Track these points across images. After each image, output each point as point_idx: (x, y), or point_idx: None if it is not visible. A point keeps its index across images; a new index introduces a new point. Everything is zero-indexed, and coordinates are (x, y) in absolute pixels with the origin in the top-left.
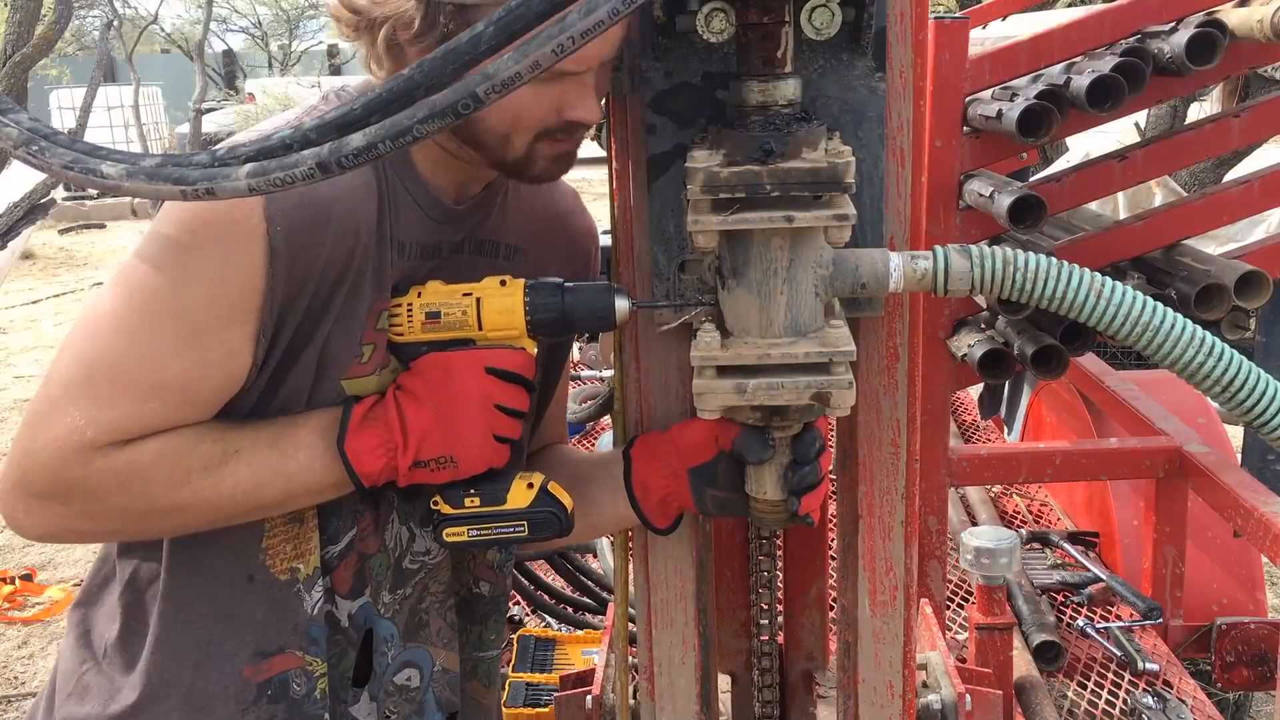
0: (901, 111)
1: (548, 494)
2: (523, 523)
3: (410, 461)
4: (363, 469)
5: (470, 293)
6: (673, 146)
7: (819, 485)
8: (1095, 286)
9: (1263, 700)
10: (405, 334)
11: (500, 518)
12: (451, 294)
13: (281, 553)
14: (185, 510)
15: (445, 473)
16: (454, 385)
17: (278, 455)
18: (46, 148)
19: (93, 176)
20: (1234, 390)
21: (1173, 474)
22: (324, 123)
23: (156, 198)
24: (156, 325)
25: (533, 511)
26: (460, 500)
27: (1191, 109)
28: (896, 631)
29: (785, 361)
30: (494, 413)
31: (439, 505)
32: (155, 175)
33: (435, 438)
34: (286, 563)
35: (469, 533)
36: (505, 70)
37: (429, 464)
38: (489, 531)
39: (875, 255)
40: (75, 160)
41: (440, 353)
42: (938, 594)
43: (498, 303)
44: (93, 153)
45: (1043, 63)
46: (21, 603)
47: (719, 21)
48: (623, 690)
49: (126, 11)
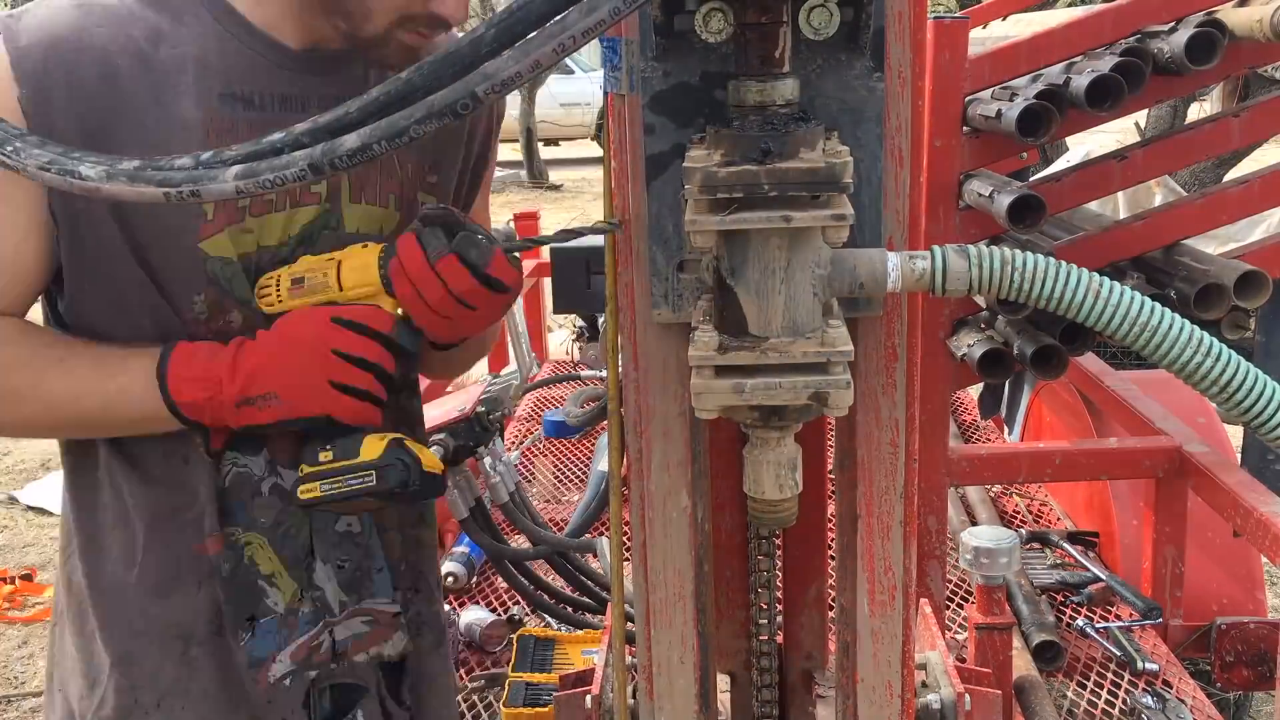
0: (900, 111)
1: (401, 445)
2: (370, 472)
3: (236, 396)
4: (181, 397)
5: (334, 258)
6: (671, 146)
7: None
8: (1093, 287)
9: (1263, 700)
10: (275, 304)
11: (349, 470)
12: (316, 261)
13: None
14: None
15: (270, 411)
16: (291, 329)
17: (99, 372)
18: (21, 149)
19: (71, 179)
20: (1232, 391)
21: (1172, 474)
22: (317, 125)
23: (139, 200)
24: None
25: (382, 462)
26: (315, 456)
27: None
28: (895, 631)
29: (783, 361)
30: (329, 358)
31: (301, 468)
32: (137, 177)
33: (263, 374)
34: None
35: (320, 488)
36: (506, 70)
37: (255, 401)
38: (340, 484)
39: (873, 255)
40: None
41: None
42: (937, 594)
43: (354, 260)
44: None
45: (1043, 63)
46: (21, 603)
47: (717, 21)
48: (621, 690)
49: None
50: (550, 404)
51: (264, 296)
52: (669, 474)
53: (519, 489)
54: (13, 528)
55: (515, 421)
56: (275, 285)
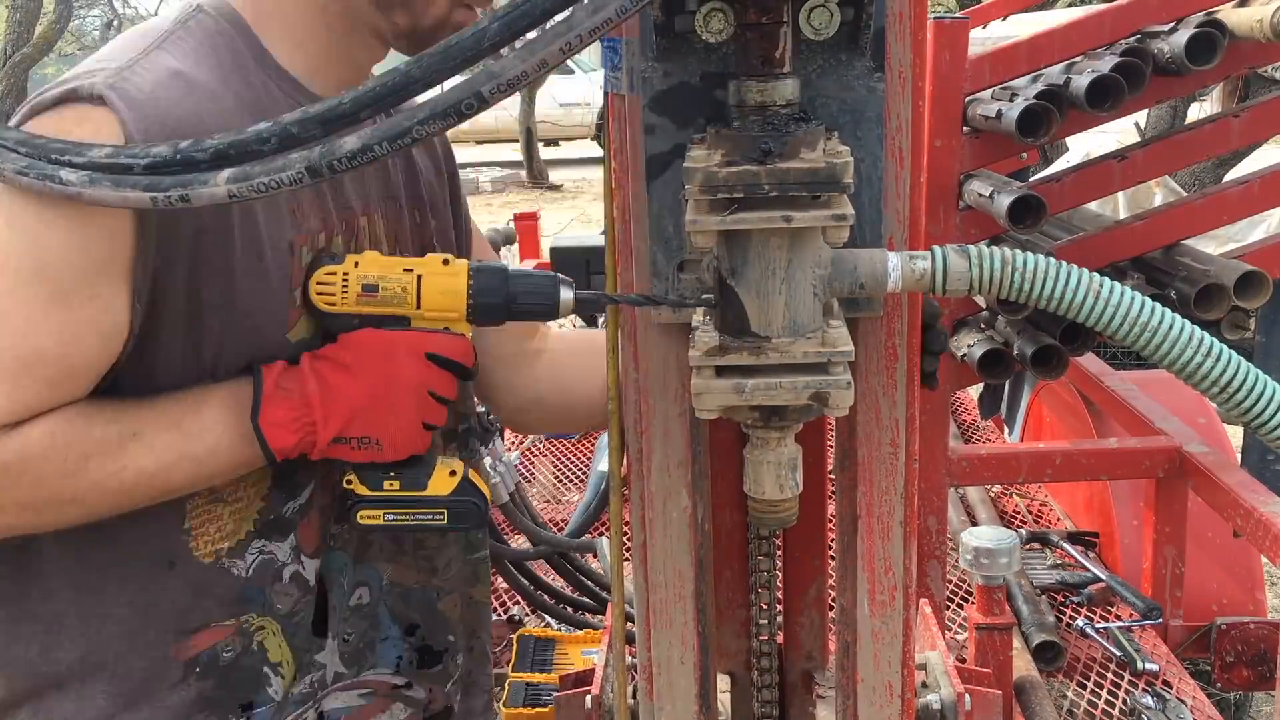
0: (900, 112)
1: (469, 483)
2: (442, 511)
3: (332, 436)
4: (276, 444)
5: (411, 269)
6: (671, 146)
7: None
8: (1094, 287)
9: (1263, 700)
10: (338, 305)
11: (419, 504)
12: (391, 267)
13: (205, 534)
14: (85, 500)
15: (366, 453)
16: (393, 367)
17: (182, 436)
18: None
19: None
20: (1232, 391)
21: (1173, 474)
22: (307, 116)
23: (123, 206)
24: (15, 295)
25: (453, 500)
26: (379, 483)
27: (1191, 109)
28: (896, 631)
29: (784, 362)
30: (428, 400)
31: (353, 485)
32: (121, 182)
33: (364, 417)
34: (211, 545)
35: (384, 517)
36: (511, 69)
37: (351, 441)
38: (406, 517)
39: (874, 255)
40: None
41: (380, 330)
42: (937, 594)
43: (441, 283)
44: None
45: (1043, 63)
46: None
47: (717, 21)
48: (621, 690)
49: (126, 11)
50: None
51: (324, 293)
52: (669, 474)
53: (519, 489)
54: None
55: None
56: (341, 283)
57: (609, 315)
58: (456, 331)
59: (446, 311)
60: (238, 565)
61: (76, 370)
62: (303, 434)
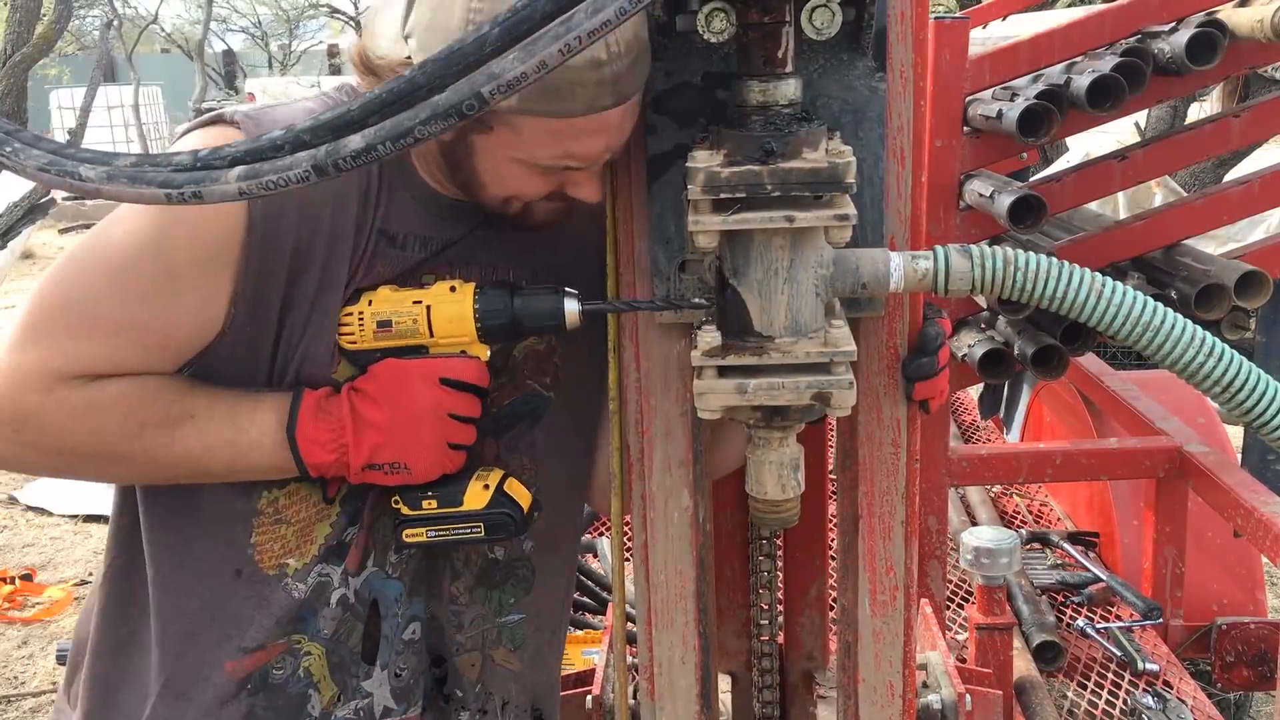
0: (902, 111)
1: (503, 494)
2: (479, 524)
3: (362, 463)
4: (311, 459)
5: (420, 300)
6: (673, 146)
7: (936, 376)
8: (1095, 286)
9: (1263, 700)
10: (358, 342)
11: (457, 519)
12: (401, 301)
13: (269, 550)
14: (131, 460)
15: (398, 477)
16: (408, 395)
17: (231, 427)
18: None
19: (70, 179)
20: (1234, 390)
21: (1173, 474)
22: (318, 123)
23: (139, 201)
24: (135, 265)
25: (487, 513)
26: (418, 503)
27: (1191, 109)
28: (896, 631)
29: (786, 361)
30: (448, 422)
31: (399, 505)
32: (138, 178)
33: (389, 445)
34: (275, 559)
35: (428, 534)
36: (511, 70)
37: (382, 468)
38: (448, 532)
39: (876, 255)
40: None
41: (395, 360)
42: (938, 594)
43: (448, 310)
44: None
45: (1043, 63)
46: (21, 603)
47: (719, 21)
48: (622, 690)
49: (126, 11)
50: None
51: (345, 333)
52: (671, 474)
53: None
54: (13, 528)
55: None
56: (358, 321)
57: (610, 316)
58: (473, 354)
59: (459, 336)
60: (299, 588)
61: (167, 346)
62: (338, 454)
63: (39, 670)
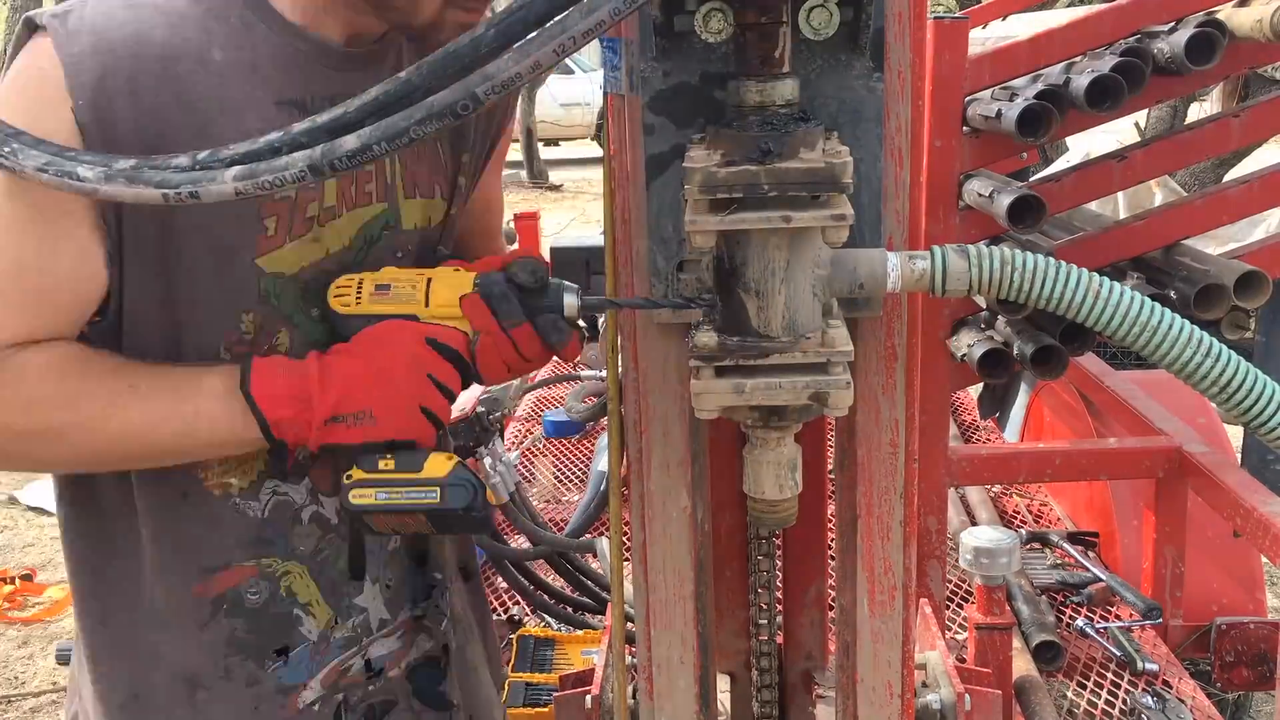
0: (900, 112)
1: (467, 469)
2: (435, 489)
3: (328, 413)
4: (272, 415)
5: (425, 274)
6: (670, 147)
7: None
8: (1093, 287)
9: (1263, 700)
10: (352, 306)
11: (413, 484)
12: (405, 274)
13: (212, 469)
14: (70, 439)
15: (361, 429)
16: (389, 349)
17: (176, 398)
18: (18, 149)
19: (69, 180)
20: (1232, 391)
21: (1173, 474)
22: (316, 125)
23: (137, 202)
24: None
25: (449, 480)
26: (374, 464)
27: (1191, 109)
28: (895, 631)
29: (783, 362)
30: (425, 382)
31: (352, 472)
32: (135, 178)
33: (359, 390)
34: (217, 478)
35: (376, 495)
36: (505, 71)
37: (347, 418)
38: (398, 495)
39: (873, 255)
40: (50, 163)
41: (384, 322)
42: (937, 594)
43: (448, 280)
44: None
45: (1043, 63)
46: (21, 603)
47: (717, 21)
48: (621, 690)
49: None
50: (550, 404)
51: (340, 296)
52: (669, 474)
53: (519, 489)
54: (13, 528)
55: (515, 421)
56: (356, 287)
57: (609, 315)
58: (462, 329)
59: (452, 307)
60: (253, 506)
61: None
62: (299, 409)
63: (39, 670)
